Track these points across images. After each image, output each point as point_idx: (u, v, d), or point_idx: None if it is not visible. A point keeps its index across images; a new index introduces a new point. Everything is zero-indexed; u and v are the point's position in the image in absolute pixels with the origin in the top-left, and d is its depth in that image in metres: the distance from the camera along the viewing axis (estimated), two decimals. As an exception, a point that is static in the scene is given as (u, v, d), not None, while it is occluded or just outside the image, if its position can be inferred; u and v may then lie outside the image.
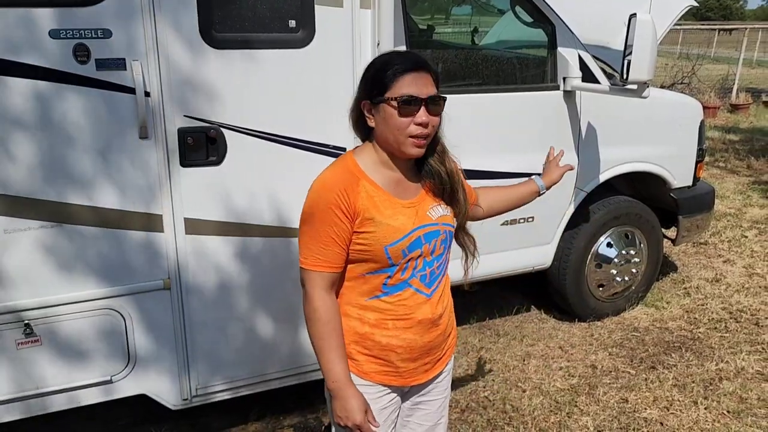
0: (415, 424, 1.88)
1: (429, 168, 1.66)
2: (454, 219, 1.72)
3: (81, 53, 2.13)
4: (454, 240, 1.77)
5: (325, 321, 1.60)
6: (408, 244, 1.60)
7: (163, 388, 2.56)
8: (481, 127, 3.19)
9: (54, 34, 2.08)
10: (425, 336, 1.69)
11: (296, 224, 2.21)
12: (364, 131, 1.66)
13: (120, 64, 2.19)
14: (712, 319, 3.99)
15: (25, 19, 2.05)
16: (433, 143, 1.65)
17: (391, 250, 1.58)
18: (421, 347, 1.70)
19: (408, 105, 1.52)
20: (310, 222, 1.59)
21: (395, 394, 1.76)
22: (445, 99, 1.59)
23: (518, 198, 2.09)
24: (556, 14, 3.32)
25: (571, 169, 2.22)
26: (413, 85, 1.52)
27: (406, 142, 1.55)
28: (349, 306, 1.67)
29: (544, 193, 2.13)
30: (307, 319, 1.63)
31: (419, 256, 1.63)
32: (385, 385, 1.72)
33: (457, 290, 2.01)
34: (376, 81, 1.56)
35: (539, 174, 2.18)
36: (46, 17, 2.07)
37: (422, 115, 1.53)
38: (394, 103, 1.52)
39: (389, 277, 1.62)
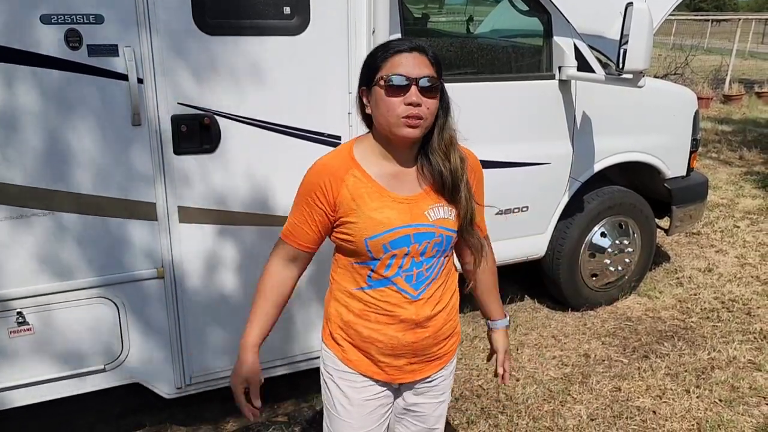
0: (408, 422, 1.84)
1: (428, 161, 1.57)
2: (457, 223, 1.61)
3: (73, 39, 2.10)
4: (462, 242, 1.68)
5: (266, 285, 1.65)
6: (391, 240, 1.55)
7: (157, 377, 2.55)
8: (476, 117, 3.17)
9: (45, 19, 2.05)
10: (408, 335, 1.63)
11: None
12: (366, 120, 1.62)
13: (112, 50, 2.16)
14: (705, 308, 4.01)
15: (15, 4, 2.01)
16: (436, 134, 1.55)
17: (371, 243, 1.55)
18: (404, 346, 1.64)
19: (396, 84, 1.46)
20: (297, 197, 1.62)
21: (383, 389, 1.73)
22: (440, 84, 1.52)
23: (479, 299, 1.89)
24: (552, 3, 3.30)
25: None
26: (403, 65, 1.47)
27: (397, 123, 1.48)
28: (339, 292, 1.67)
29: (488, 325, 1.93)
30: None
31: (406, 254, 1.57)
32: (368, 377, 1.70)
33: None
34: (369, 65, 1.53)
35: (504, 320, 1.92)
36: (37, 2, 2.03)
37: (413, 95, 1.46)
38: (383, 83, 1.48)
39: (372, 270, 1.59)
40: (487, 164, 3.21)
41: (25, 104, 2.10)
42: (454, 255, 1.77)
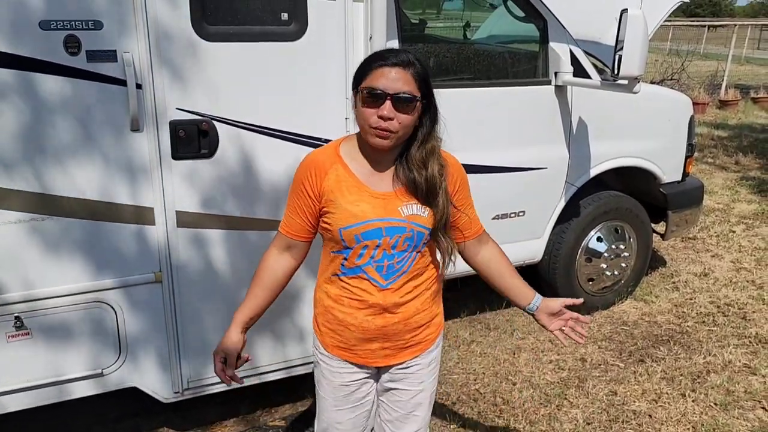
0: (388, 407, 1.94)
1: (404, 167, 1.68)
2: (431, 221, 1.70)
3: (71, 44, 2.11)
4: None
5: (259, 270, 1.81)
6: (363, 231, 1.67)
7: (155, 381, 2.56)
8: (473, 122, 3.19)
9: (44, 25, 2.07)
10: (377, 319, 1.75)
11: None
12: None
13: (111, 55, 2.17)
14: (700, 312, 4.03)
15: (14, 10, 2.03)
16: (416, 144, 1.66)
17: (344, 233, 1.67)
18: (374, 330, 1.76)
19: (372, 97, 1.57)
20: (290, 190, 1.78)
21: (361, 372, 1.85)
22: (419, 101, 1.60)
23: (507, 287, 1.90)
24: (548, 9, 3.33)
25: (573, 324, 1.87)
26: (383, 79, 1.57)
27: (369, 131, 1.60)
28: (322, 279, 1.83)
29: (528, 311, 1.89)
30: None
31: (378, 246, 1.68)
32: (345, 361, 1.83)
33: (448, 284, 2.04)
34: (358, 72, 1.64)
35: (539, 297, 1.89)
36: (36, 8, 2.05)
37: (385, 108, 1.56)
38: (361, 94, 1.60)
39: (345, 259, 1.72)
40: (484, 169, 3.27)
41: (24, 110, 2.11)
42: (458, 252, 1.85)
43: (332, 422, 1.92)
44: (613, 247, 3.92)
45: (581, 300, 1.92)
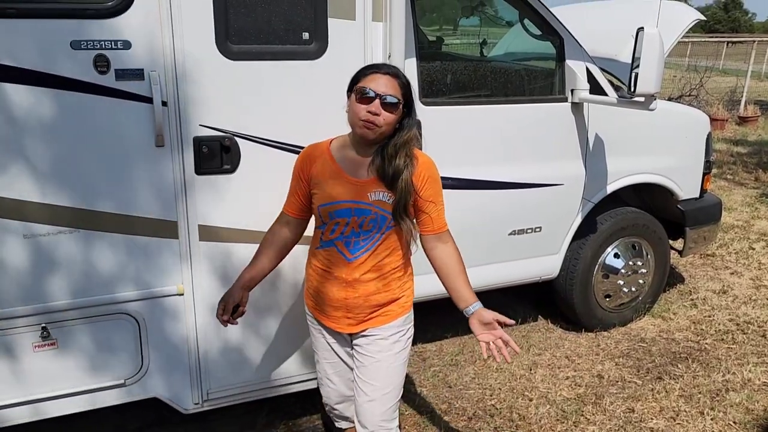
0: (354, 372, 2.22)
1: (376, 159, 2.00)
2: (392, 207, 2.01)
3: (101, 64, 2.19)
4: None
5: (264, 240, 2.23)
6: (335, 210, 2.03)
7: (176, 392, 2.60)
8: (490, 138, 3.23)
9: (75, 45, 2.14)
10: (341, 291, 2.10)
11: (307, 231, 2.28)
12: None
13: (138, 74, 2.24)
14: (719, 330, 4.00)
15: (47, 31, 2.11)
16: (392, 141, 1.98)
17: (321, 210, 2.06)
18: (339, 300, 2.11)
19: (364, 95, 1.92)
20: (291, 177, 2.17)
21: (334, 335, 2.22)
22: (401, 104, 1.95)
23: (451, 287, 2.10)
24: (564, 27, 3.36)
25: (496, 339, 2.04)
26: (374, 83, 1.93)
27: (359, 124, 1.95)
28: (309, 252, 2.23)
29: (465, 314, 2.09)
30: None
31: (347, 224, 2.03)
32: (320, 322, 2.22)
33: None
34: (354, 77, 2.00)
35: (478, 303, 2.08)
36: (67, 29, 2.13)
37: (374, 106, 1.92)
38: (356, 92, 1.95)
39: (322, 233, 2.09)
40: (500, 185, 3.30)
41: (54, 125, 2.19)
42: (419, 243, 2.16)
43: (323, 374, 2.36)
44: (631, 263, 3.91)
45: (513, 322, 2.11)
